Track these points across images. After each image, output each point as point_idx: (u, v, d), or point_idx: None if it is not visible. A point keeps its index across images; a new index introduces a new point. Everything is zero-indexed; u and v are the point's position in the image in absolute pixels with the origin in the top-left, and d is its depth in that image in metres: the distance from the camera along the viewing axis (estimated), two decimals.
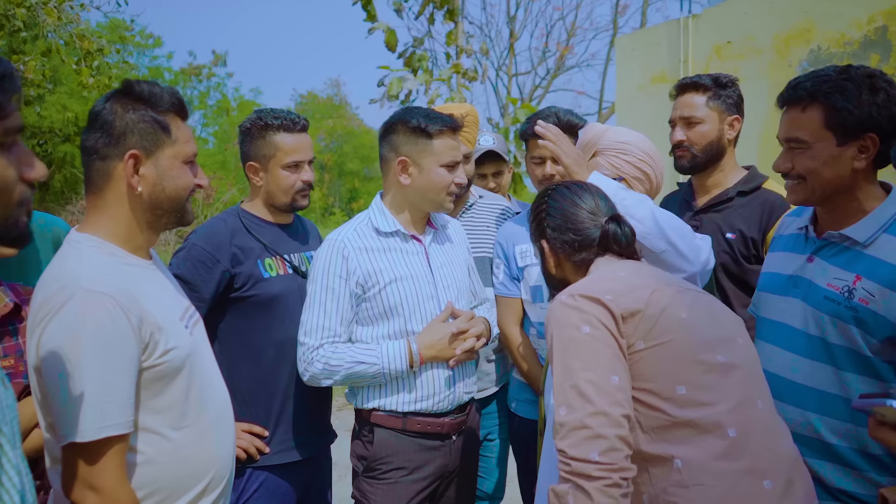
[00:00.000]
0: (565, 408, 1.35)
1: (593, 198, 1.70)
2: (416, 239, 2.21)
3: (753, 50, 4.72)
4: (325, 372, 2.08)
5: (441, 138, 2.12)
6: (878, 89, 1.63)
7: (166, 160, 1.56)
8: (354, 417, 2.25)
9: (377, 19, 8.39)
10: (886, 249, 1.63)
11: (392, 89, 8.10)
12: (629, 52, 5.78)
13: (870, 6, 4.05)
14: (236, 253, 2.20)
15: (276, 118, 2.26)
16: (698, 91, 2.38)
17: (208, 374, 1.67)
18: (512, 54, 17.26)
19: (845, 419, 1.65)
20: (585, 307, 1.46)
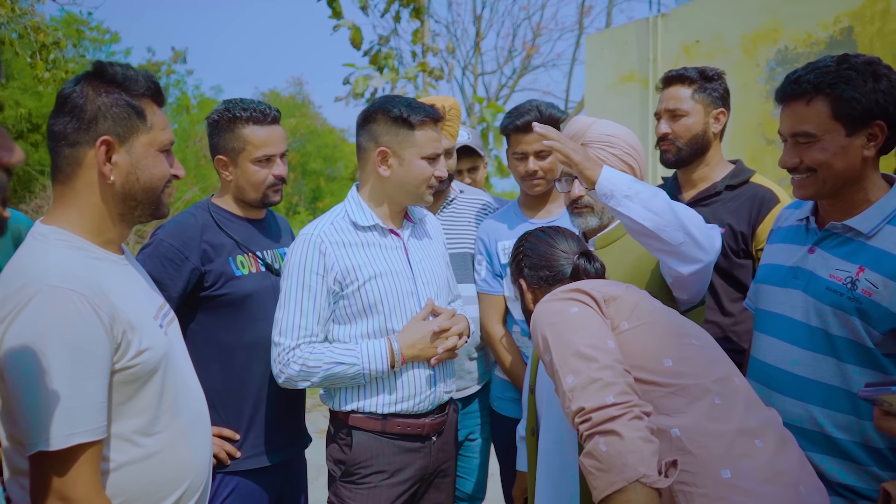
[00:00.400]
0: (572, 375, 1.39)
1: (566, 238, 1.85)
2: (394, 233, 2.12)
3: (722, 49, 4.77)
4: (303, 373, 1.98)
5: (423, 129, 2.03)
6: (880, 76, 1.61)
7: (141, 148, 1.46)
8: (329, 420, 2.16)
9: (343, 16, 8.31)
10: (891, 241, 1.61)
11: (357, 87, 8.02)
12: (598, 52, 5.80)
13: (835, 7, 4.12)
14: (206, 250, 2.09)
15: (245, 110, 2.14)
16: (684, 84, 2.37)
17: (183, 376, 1.57)
18: (478, 53, 17.27)
19: (847, 412, 1.63)
20: (570, 296, 1.56)
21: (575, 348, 1.43)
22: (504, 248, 2.45)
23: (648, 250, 1.86)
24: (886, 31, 3.88)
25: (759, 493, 1.34)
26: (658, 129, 2.41)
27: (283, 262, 2.24)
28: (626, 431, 1.29)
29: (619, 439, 1.28)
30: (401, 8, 8.62)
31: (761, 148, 4.51)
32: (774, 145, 4.48)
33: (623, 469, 1.26)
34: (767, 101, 4.49)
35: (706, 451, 1.38)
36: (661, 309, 1.63)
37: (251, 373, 2.15)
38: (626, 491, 1.25)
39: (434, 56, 9.13)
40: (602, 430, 1.30)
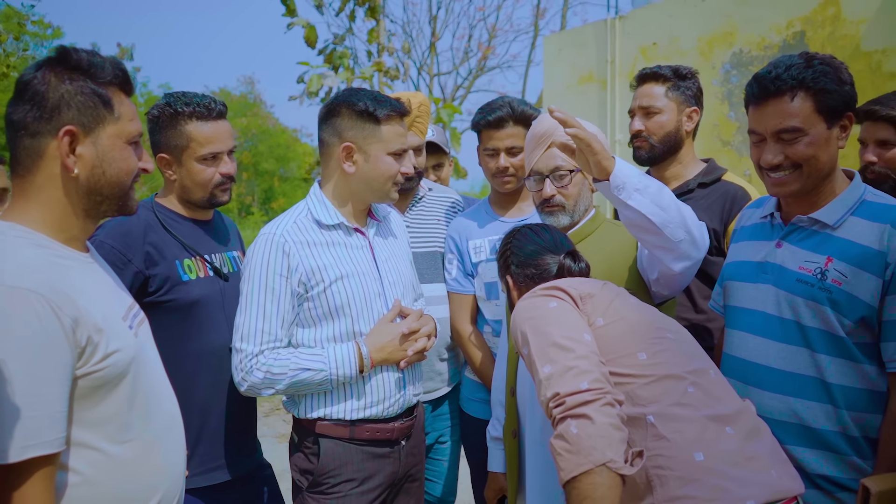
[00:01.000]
0: (549, 364, 1.43)
1: (552, 235, 1.85)
2: (359, 232, 2.04)
3: (678, 51, 4.84)
4: (267, 381, 1.89)
5: (389, 124, 1.96)
6: (842, 69, 1.68)
7: (108, 139, 1.37)
8: (293, 428, 2.07)
9: (297, 14, 8.18)
10: (855, 231, 1.66)
11: (312, 86, 7.89)
12: (556, 53, 5.83)
13: (788, 12, 4.22)
14: (150, 252, 1.96)
15: (188, 104, 2.02)
16: (657, 81, 2.38)
17: (155, 380, 1.49)
18: (433, 54, 17.25)
19: (823, 401, 1.66)
20: (548, 293, 1.60)
21: (552, 339, 1.46)
22: (475, 247, 2.41)
23: (645, 246, 1.85)
24: (837, 35, 3.99)
25: (731, 475, 1.37)
26: (632, 126, 2.42)
27: (232, 268, 2.14)
28: (598, 416, 1.32)
29: (591, 423, 1.31)
30: (356, 7, 8.54)
31: (717, 149, 4.59)
32: (730, 146, 4.56)
33: (591, 452, 1.28)
34: (723, 103, 4.57)
35: (680, 436, 1.40)
36: (637, 305, 1.65)
37: (198, 384, 2.02)
38: (591, 473, 1.28)
39: (390, 56, 9.05)
40: (574, 414, 1.33)
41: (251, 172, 25.54)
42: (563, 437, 1.32)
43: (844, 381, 1.64)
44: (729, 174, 2.37)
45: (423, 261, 2.48)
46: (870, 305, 1.61)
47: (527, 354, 1.51)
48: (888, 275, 1.60)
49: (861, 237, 1.65)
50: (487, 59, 17.81)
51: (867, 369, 1.64)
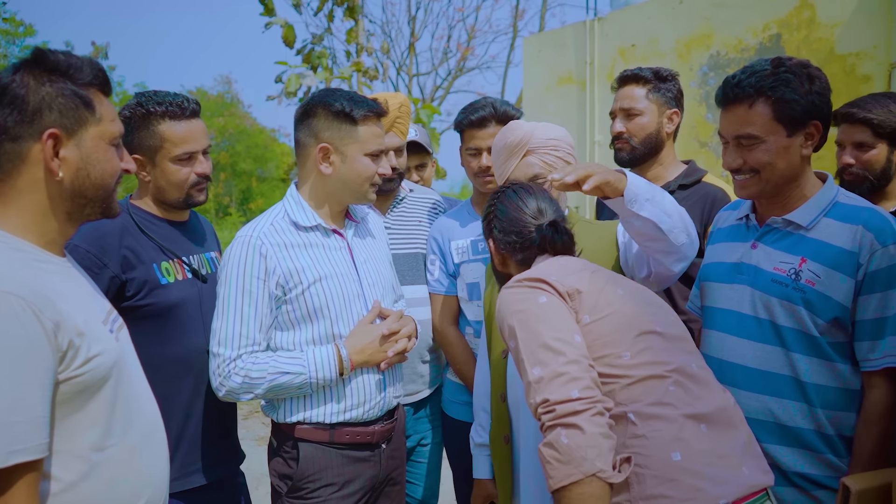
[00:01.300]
0: (539, 366, 1.42)
1: (537, 202, 1.80)
2: (337, 233, 2.04)
3: (657, 53, 4.87)
4: (245, 386, 1.88)
5: (366, 124, 1.96)
6: (813, 77, 1.70)
7: (91, 141, 1.36)
8: (272, 432, 2.06)
9: (275, 14, 8.13)
10: (828, 232, 1.69)
11: (290, 86, 7.84)
12: (536, 54, 5.84)
13: (764, 15, 4.26)
14: (127, 256, 1.94)
15: (160, 104, 2.00)
16: (638, 83, 2.41)
17: (136, 385, 1.46)
18: (413, 54, 17.23)
19: (799, 400, 1.69)
20: (535, 285, 1.57)
21: (542, 340, 1.45)
22: (457, 248, 2.41)
23: (648, 252, 1.85)
24: (812, 38, 4.04)
25: (707, 474, 1.39)
26: (613, 127, 2.44)
27: (210, 269, 2.12)
28: (588, 426, 1.33)
29: (581, 433, 1.32)
30: (334, 7, 8.50)
31: (695, 150, 4.63)
32: (708, 148, 4.60)
33: (582, 462, 1.30)
34: (701, 104, 4.60)
35: (659, 434, 1.42)
36: (626, 296, 1.62)
37: (178, 388, 2.01)
38: (581, 483, 1.30)
39: (368, 56, 9.03)
40: (565, 423, 1.34)
41: (228, 173, 25.29)
42: (553, 446, 1.33)
43: (818, 380, 1.68)
44: (709, 176, 2.39)
45: (404, 262, 2.47)
46: (843, 305, 1.65)
47: (514, 348, 1.51)
48: (860, 275, 1.64)
49: (834, 238, 1.68)
50: (466, 59, 17.85)
51: (840, 368, 1.67)
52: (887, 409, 1.62)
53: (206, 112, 26.96)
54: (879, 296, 1.63)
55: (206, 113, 26.92)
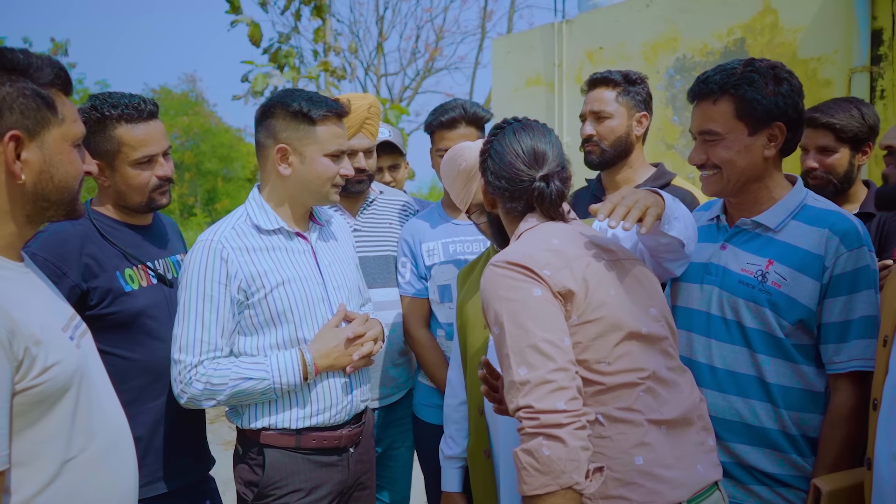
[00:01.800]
0: (526, 367, 1.38)
1: (537, 145, 1.65)
2: (301, 236, 2.02)
3: (624, 56, 4.92)
4: (207, 392, 1.84)
5: (325, 124, 1.92)
6: (781, 80, 1.71)
7: (54, 142, 1.31)
8: (237, 438, 2.02)
9: (241, 12, 8.03)
10: (795, 234, 1.71)
11: (257, 85, 7.76)
12: (504, 55, 5.85)
13: (729, 19, 4.33)
14: (89, 264, 1.89)
15: (115, 107, 1.94)
16: (608, 86, 2.42)
17: (99, 393, 1.42)
18: (381, 54, 17.16)
19: (764, 400, 1.71)
20: (529, 275, 1.48)
21: (532, 340, 1.40)
22: (428, 250, 2.39)
23: (656, 258, 1.80)
24: (775, 43, 4.11)
25: (665, 477, 1.42)
26: (583, 130, 2.44)
27: (176, 273, 2.07)
28: (571, 440, 1.32)
29: (563, 447, 1.31)
30: (301, 6, 8.42)
31: (661, 152, 4.68)
32: (674, 150, 4.65)
33: (560, 475, 1.30)
34: (667, 107, 4.65)
35: (623, 437, 1.43)
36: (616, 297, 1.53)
37: (147, 394, 1.97)
38: (556, 494, 1.30)
39: (336, 55, 8.97)
40: (547, 434, 1.32)
41: (193, 172, 24.92)
42: (532, 455, 1.32)
43: (782, 381, 1.70)
44: (678, 179, 2.41)
45: (375, 265, 2.45)
46: (808, 308, 1.67)
47: (498, 335, 1.46)
48: (826, 278, 1.66)
49: (801, 241, 1.70)
50: (435, 60, 17.83)
51: (804, 370, 1.70)
52: (851, 412, 1.64)
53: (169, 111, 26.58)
54: (844, 299, 1.66)
55: (170, 112, 26.51)
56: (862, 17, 3.69)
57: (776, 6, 4.10)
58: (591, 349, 1.48)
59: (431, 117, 2.43)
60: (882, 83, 3.71)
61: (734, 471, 1.75)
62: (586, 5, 5.63)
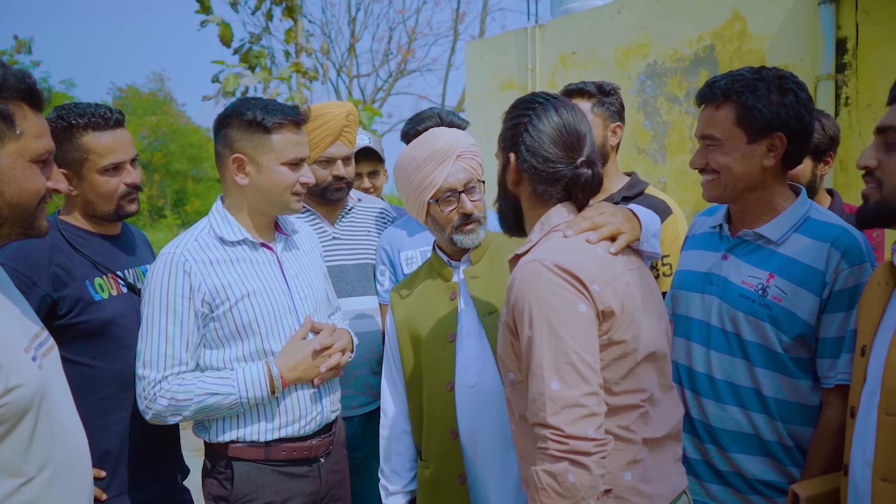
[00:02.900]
0: (559, 382, 1.33)
1: (578, 129, 1.53)
2: (266, 247, 1.98)
3: (596, 61, 4.97)
4: (172, 408, 1.82)
5: (281, 133, 1.89)
6: (786, 90, 1.68)
7: (7, 157, 1.27)
8: (205, 453, 1.97)
9: (211, 11, 7.93)
10: (797, 248, 1.69)
11: (227, 86, 7.65)
12: (478, 59, 5.88)
13: (699, 26, 4.40)
14: (58, 274, 1.87)
15: (82, 115, 1.92)
16: (583, 97, 2.42)
17: (60, 414, 1.38)
18: (353, 55, 17.11)
19: (761, 411, 1.72)
20: (577, 286, 1.40)
21: (571, 358, 1.35)
22: (407, 258, 2.39)
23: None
24: (744, 50, 4.19)
25: (647, 492, 1.44)
26: None
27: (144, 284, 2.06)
28: (596, 469, 1.31)
29: (588, 475, 1.30)
30: (272, 6, 8.35)
31: (633, 157, 4.74)
32: (646, 154, 4.71)
33: (580, 502, 1.30)
34: (639, 112, 4.72)
35: (618, 454, 1.43)
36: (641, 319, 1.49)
37: (118, 404, 1.95)
38: None
39: (308, 56, 8.91)
40: (574, 461, 1.30)
41: (162, 173, 24.59)
42: (556, 478, 1.30)
43: (777, 395, 1.70)
44: (651, 188, 2.44)
45: (354, 273, 2.44)
46: (807, 323, 1.66)
47: (529, 338, 1.39)
48: (826, 294, 1.65)
49: (803, 255, 1.68)
50: (407, 61, 17.83)
51: (800, 384, 1.70)
52: (840, 426, 1.62)
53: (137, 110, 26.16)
54: (843, 315, 1.64)
55: (138, 111, 26.10)
56: (827, 26, 3.78)
57: (745, 14, 4.18)
58: (609, 369, 1.44)
59: (409, 126, 2.42)
60: (847, 91, 3.80)
61: (733, 480, 1.76)
62: (559, 10, 5.69)
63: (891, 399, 1.29)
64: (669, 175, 4.55)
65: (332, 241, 2.45)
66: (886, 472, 1.29)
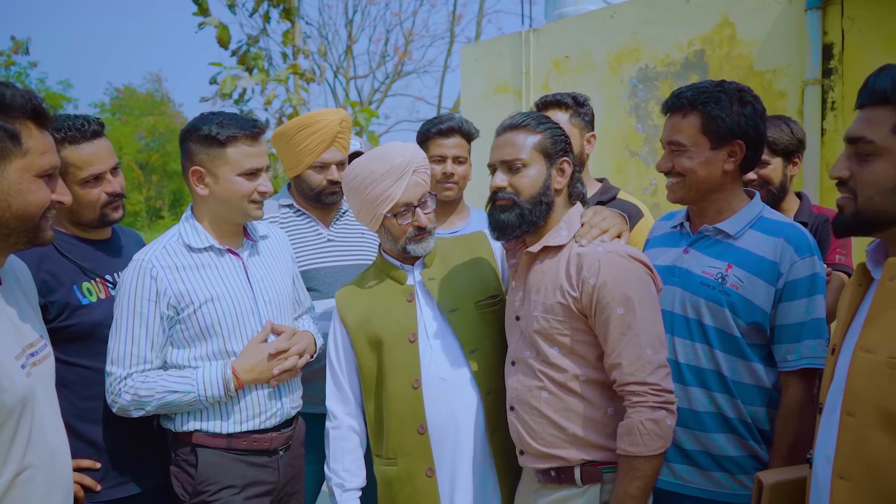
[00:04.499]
0: (651, 349, 1.68)
1: None
2: (232, 253, 2.09)
3: (589, 65, 5.04)
4: (135, 403, 1.95)
5: (236, 146, 2.00)
6: (746, 102, 1.85)
7: (15, 173, 1.36)
8: (170, 443, 2.08)
9: (209, 13, 7.98)
10: (753, 242, 1.85)
11: (225, 87, 7.72)
12: (473, 63, 5.94)
13: (689, 31, 4.47)
14: (47, 280, 1.97)
15: (59, 129, 1.99)
16: (560, 108, 2.52)
17: (42, 419, 1.46)
18: (350, 57, 17.16)
19: (723, 392, 1.85)
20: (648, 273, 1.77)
21: (657, 330, 1.71)
22: None
23: None
24: (733, 55, 4.26)
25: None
26: None
27: None
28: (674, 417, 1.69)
29: (673, 419, 1.67)
30: (270, 8, 8.40)
31: (626, 159, 4.81)
32: (638, 157, 4.79)
33: (668, 440, 1.66)
34: (631, 115, 4.79)
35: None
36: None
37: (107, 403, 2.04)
38: (661, 455, 1.66)
39: (305, 58, 8.97)
40: (669, 409, 1.66)
41: (159, 174, 24.61)
42: (657, 424, 1.64)
43: (736, 377, 1.85)
44: (622, 193, 2.55)
45: (348, 274, 2.51)
46: (762, 310, 1.81)
47: (622, 314, 1.68)
48: (780, 284, 1.80)
49: (757, 248, 1.84)
50: (404, 63, 17.90)
51: (756, 367, 1.85)
52: (802, 405, 1.78)
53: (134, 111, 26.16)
54: (797, 303, 1.80)
55: (135, 112, 26.11)
56: (813, 31, 3.85)
57: (734, 19, 4.25)
58: None
59: (428, 126, 2.58)
60: (833, 95, 3.87)
61: (699, 458, 1.88)
62: (553, 15, 5.75)
63: (851, 400, 1.35)
64: (660, 178, 4.62)
65: (327, 244, 2.52)
66: (844, 471, 1.34)
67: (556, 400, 1.77)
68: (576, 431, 1.75)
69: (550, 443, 1.77)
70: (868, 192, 1.37)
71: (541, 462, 1.80)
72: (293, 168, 2.47)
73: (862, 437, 1.32)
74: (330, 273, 2.46)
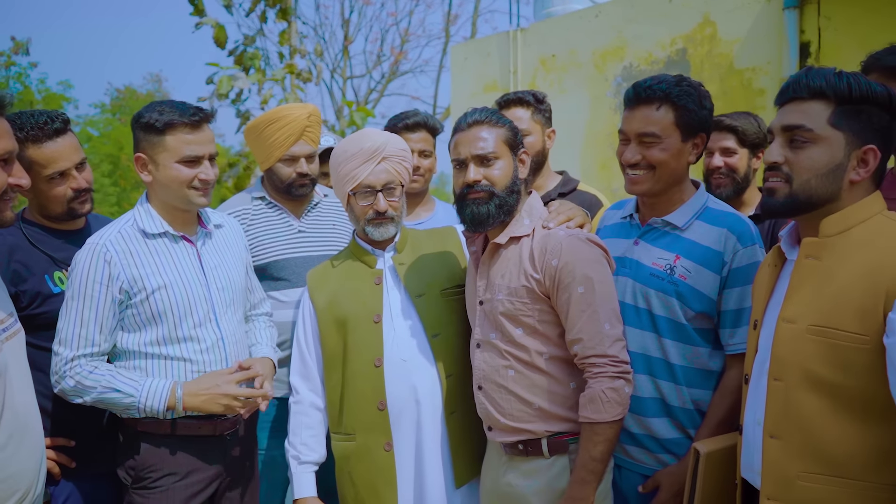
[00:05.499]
0: (608, 324, 1.80)
1: None
2: (186, 240, 2.11)
3: (575, 63, 5.12)
4: (76, 390, 1.95)
5: (173, 133, 2.02)
6: (703, 97, 1.92)
7: None
8: (118, 427, 2.10)
9: (205, 13, 8.04)
10: (699, 233, 1.91)
11: (221, 87, 7.78)
12: (462, 62, 6.02)
13: (672, 30, 4.55)
14: (18, 270, 2.03)
15: (21, 129, 2.01)
16: (522, 106, 2.59)
17: (13, 390, 1.52)
18: (346, 57, 17.22)
19: (669, 380, 1.92)
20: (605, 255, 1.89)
21: (613, 305, 1.83)
22: None
23: None
24: (714, 53, 4.34)
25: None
26: None
27: None
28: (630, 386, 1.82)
29: (629, 387, 1.80)
30: (267, 8, 8.46)
31: (611, 156, 4.88)
32: None
33: (626, 406, 1.78)
34: (616, 113, 4.86)
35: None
36: None
37: None
38: (621, 421, 1.78)
39: (302, 58, 9.02)
40: (626, 378, 1.79)
41: None
42: (617, 392, 1.76)
43: (682, 362, 1.92)
44: (582, 185, 2.63)
45: (317, 264, 2.59)
46: (709, 298, 1.88)
47: (582, 293, 1.79)
48: (725, 272, 1.87)
49: (703, 239, 1.90)
50: (400, 63, 17.96)
51: (701, 351, 1.92)
52: (738, 385, 1.84)
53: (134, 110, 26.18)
54: (740, 290, 1.87)
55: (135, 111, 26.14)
56: (791, 30, 3.92)
57: (715, 19, 4.33)
58: None
59: (393, 121, 2.67)
60: None
61: (646, 441, 1.96)
62: (541, 14, 5.84)
63: (778, 366, 1.46)
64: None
65: (298, 235, 2.57)
66: (774, 430, 1.46)
67: (522, 377, 1.86)
68: (542, 405, 1.85)
69: (518, 417, 1.87)
70: (805, 176, 1.46)
71: (509, 436, 1.89)
72: (264, 161, 2.52)
73: (789, 399, 1.43)
74: (299, 263, 2.51)
